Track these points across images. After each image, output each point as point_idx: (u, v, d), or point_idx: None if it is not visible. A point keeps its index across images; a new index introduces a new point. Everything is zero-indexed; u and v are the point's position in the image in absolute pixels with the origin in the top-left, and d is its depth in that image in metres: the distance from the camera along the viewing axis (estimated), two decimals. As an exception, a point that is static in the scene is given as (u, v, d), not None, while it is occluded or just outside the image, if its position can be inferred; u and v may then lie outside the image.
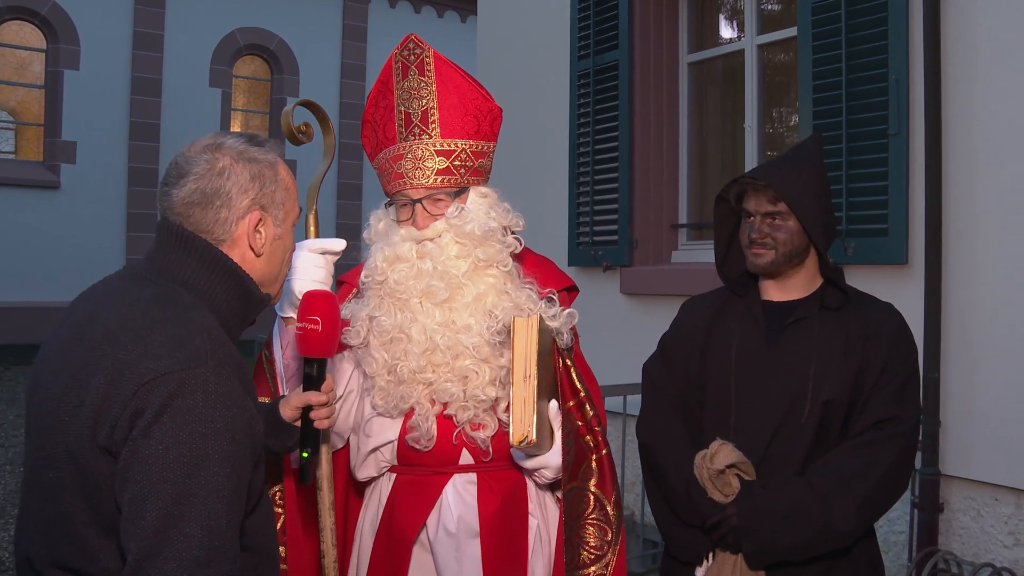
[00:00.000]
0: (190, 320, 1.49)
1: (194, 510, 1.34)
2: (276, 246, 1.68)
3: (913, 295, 3.75)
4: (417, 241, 2.13)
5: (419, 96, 2.15)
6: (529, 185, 6.01)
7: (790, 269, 2.28)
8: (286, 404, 1.89)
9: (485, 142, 2.21)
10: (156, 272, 1.57)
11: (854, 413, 2.20)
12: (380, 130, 2.21)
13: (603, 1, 5.48)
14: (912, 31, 3.83)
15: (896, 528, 3.92)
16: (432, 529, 2.10)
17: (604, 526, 2.10)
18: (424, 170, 2.12)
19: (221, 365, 1.44)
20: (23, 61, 13.85)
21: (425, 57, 2.17)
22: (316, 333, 1.84)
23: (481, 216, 2.14)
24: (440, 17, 16.89)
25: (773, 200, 2.22)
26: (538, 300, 2.15)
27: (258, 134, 1.72)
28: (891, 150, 3.85)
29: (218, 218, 1.58)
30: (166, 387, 1.38)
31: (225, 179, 1.58)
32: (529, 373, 1.97)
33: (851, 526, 2.13)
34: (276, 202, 1.66)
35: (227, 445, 1.40)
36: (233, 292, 1.60)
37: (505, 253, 2.15)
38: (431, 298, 2.09)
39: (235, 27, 14.89)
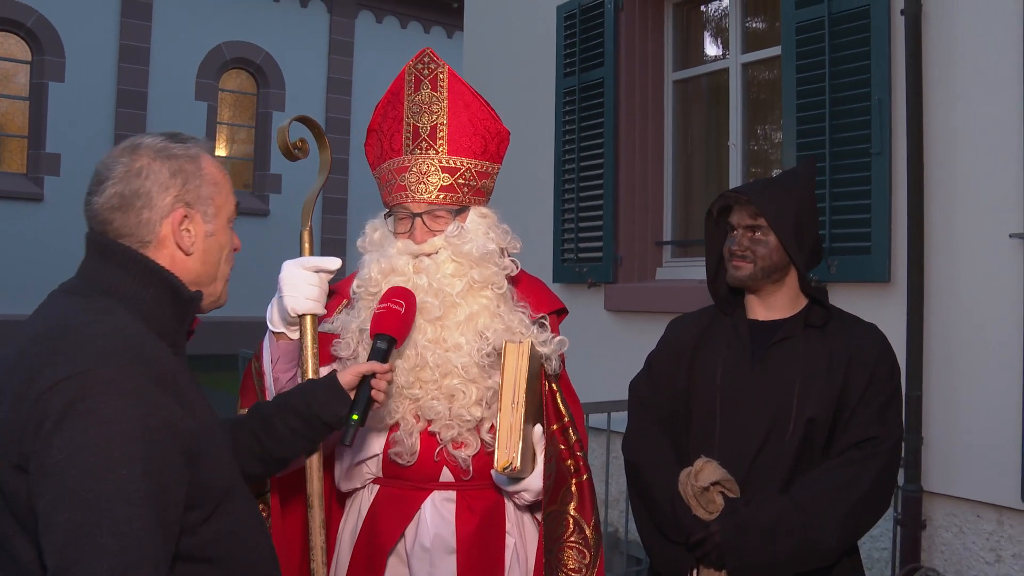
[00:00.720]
0: (100, 324, 1.43)
1: (105, 517, 1.27)
2: (210, 243, 1.62)
3: (896, 313, 3.78)
4: (414, 255, 2.13)
5: (430, 111, 2.17)
6: (515, 201, 6.02)
7: (770, 285, 2.32)
8: (345, 371, 1.90)
9: (490, 163, 2.23)
10: (84, 283, 1.53)
11: (837, 432, 2.23)
12: (386, 140, 2.21)
13: (589, 19, 5.52)
14: (894, 52, 3.88)
15: (879, 545, 3.93)
16: (409, 542, 2.10)
17: (583, 549, 2.11)
18: (427, 185, 2.13)
19: (129, 365, 1.37)
20: (7, 73, 13.79)
21: (439, 72, 2.19)
22: (398, 314, 1.96)
23: (480, 237, 2.15)
24: (426, 32, 16.94)
25: (754, 215, 2.28)
26: (530, 324, 2.16)
27: (180, 132, 1.66)
28: (874, 169, 3.89)
29: (140, 220, 1.53)
30: (66, 392, 1.32)
31: (144, 179, 1.53)
32: (517, 399, 1.98)
33: (833, 543, 2.15)
34: (203, 197, 1.59)
35: (139, 446, 1.32)
36: (160, 294, 1.54)
37: (501, 276, 2.16)
38: (424, 315, 2.09)
39: (221, 40, 14.89)
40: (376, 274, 2.12)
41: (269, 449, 1.87)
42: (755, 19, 5.16)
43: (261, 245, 14.45)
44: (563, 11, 5.71)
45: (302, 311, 2.00)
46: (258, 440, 1.86)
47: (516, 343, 2.04)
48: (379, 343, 1.94)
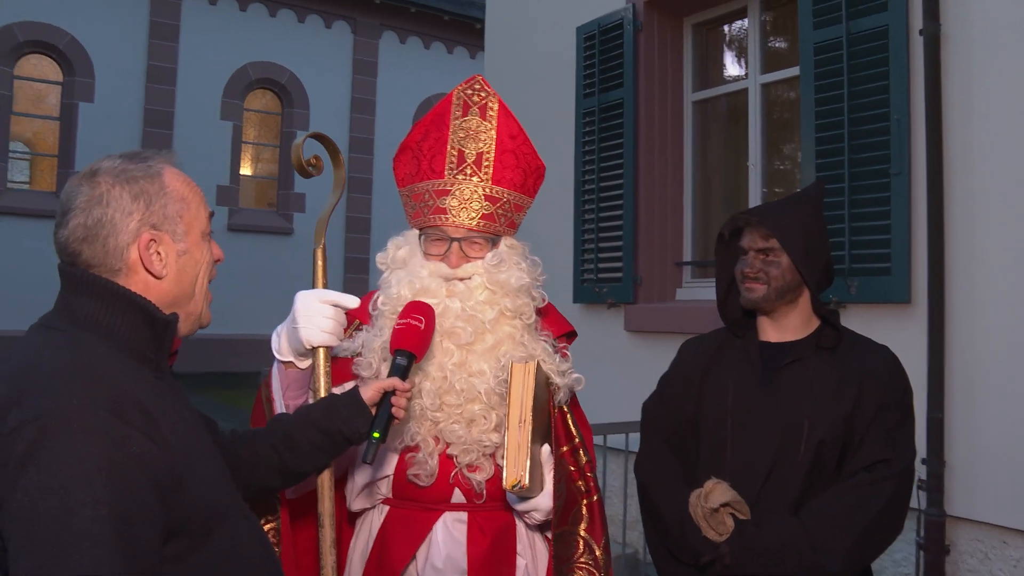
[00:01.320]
0: (63, 362, 1.40)
1: (70, 562, 1.24)
2: (184, 262, 1.57)
3: (916, 334, 3.74)
4: (447, 279, 2.13)
5: (477, 138, 2.17)
6: (534, 222, 6.02)
7: (784, 306, 2.31)
8: (367, 387, 1.89)
9: (527, 197, 2.24)
10: (58, 316, 1.50)
11: (848, 454, 2.22)
12: (425, 160, 2.20)
13: (608, 40, 5.54)
14: (913, 71, 3.86)
15: (902, 570, 3.88)
16: (420, 563, 2.10)
17: (593, 570, 2.10)
18: (470, 211, 2.13)
19: (91, 402, 1.34)
20: (40, 93, 14.02)
21: (489, 101, 2.21)
22: (418, 330, 1.95)
23: (514, 268, 2.16)
24: (450, 53, 17.05)
25: (766, 237, 2.28)
26: (554, 354, 2.17)
27: (141, 150, 1.61)
28: (893, 189, 3.87)
29: (107, 249, 1.49)
30: (28, 435, 1.29)
31: (105, 206, 1.48)
32: (524, 418, 1.98)
33: (841, 567, 2.13)
34: (169, 216, 1.54)
35: (103, 486, 1.29)
36: (133, 320, 1.50)
37: (531, 307, 2.17)
38: (453, 339, 2.09)
39: (247, 61, 15.06)
40: (406, 292, 2.11)
41: (289, 463, 1.87)
42: (774, 39, 5.16)
43: (285, 264, 14.58)
44: (583, 32, 5.73)
45: (317, 343, 1.99)
46: (278, 453, 1.86)
47: (522, 363, 2.04)
48: (399, 359, 1.94)
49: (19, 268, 12.72)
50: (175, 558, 1.42)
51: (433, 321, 2.01)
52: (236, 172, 15.08)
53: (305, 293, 2.02)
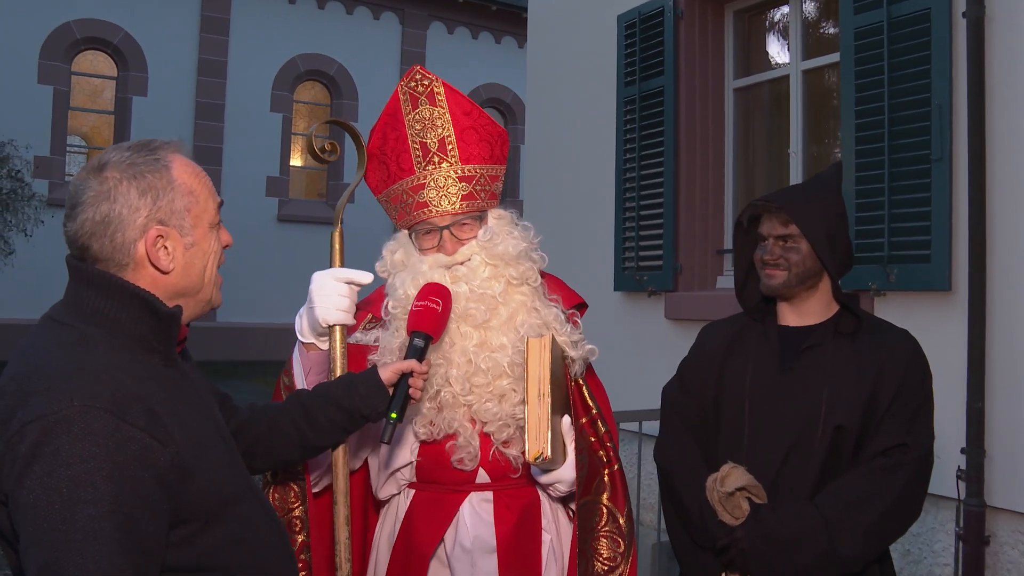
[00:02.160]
0: (68, 361, 1.43)
1: (72, 558, 1.29)
2: (191, 255, 1.58)
3: (957, 322, 3.69)
4: (447, 267, 2.16)
5: (434, 126, 2.18)
6: (576, 209, 6.06)
7: (804, 292, 2.31)
8: (385, 368, 1.94)
9: (499, 166, 2.26)
10: (66, 309, 1.52)
11: (865, 439, 2.20)
12: (392, 162, 2.23)
13: (649, 28, 5.52)
14: (955, 55, 3.80)
15: (941, 560, 3.84)
16: (449, 545, 2.14)
17: (617, 538, 2.13)
18: (449, 196, 2.16)
19: (94, 403, 1.37)
20: (96, 88, 14.37)
21: (434, 87, 2.21)
22: (435, 312, 1.99)
23: (507, 237, 2.19)
24: (497, 43, 17.08)
25: (785, 223, 2.27)
26: (564, 320, 2.19)
27: (150, 140, 1.60)
28: (934, 175, 3.81)
29: (114, 244, 1.50)
30: (32, 434, 1.34)
31: (112, 202, 1.49)
32: (543, 391, 2.01)
33: (857, 552, 2.13)
34: (177, 211, 1.54)
35: (105, 485, 1.33)
36: (139, 314, 1.51)
37: (534, 270, 2.21)
38: (469, 321, 2.12)
39: (296, 53, 15.26)
40: (412, 291, 2.13)
41: (308, 437, 1.92)
42: (815, 25, 5.10)
43: (334, 254, 14.73)
44: (623, 20, 5.72)
45: (332, 322, 2.03)
46: (298, 429, 1.91)
47: (537, 337, 2.07)
48: (416, 341, 1.98)
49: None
50: (183, 542, 1.46)
51: (450, 302, 2.05)
52: (286, 163, 15.29)
53: (320, 273, 2.08)
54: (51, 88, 13.54)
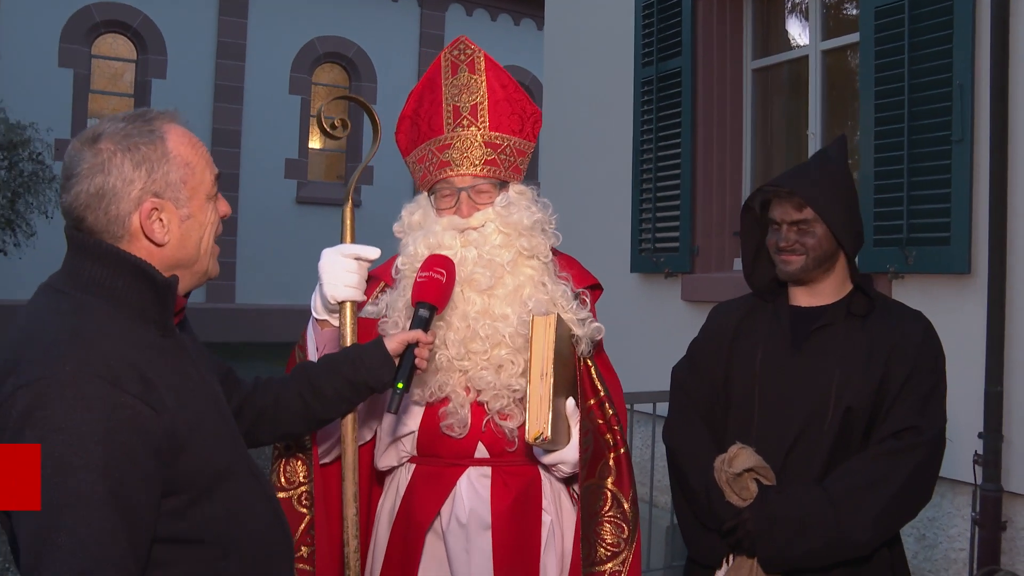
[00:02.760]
0: (62, 327, 1.42)
1: (64, 520, 1.30)
2: (187, 226, 1.56)
3: (976, 305, 3.65)
4: (460, 230, 2.16)
5: (468, 91, 2.21)
6: (592, 191, 6.03)
7: (820, 274, 2.27)
8: (391, 338, 1.95)
9: (527, 141, 2.26)
10: (63, 277, 1.52)
11: (876, 421, 2.18)
12: (424, 123, 2.25)
13: (667, 8, 5.47)
14: (978, 35, 3.74)
15: (956, 545, 3.82)
16: (445, 519, 2.14)
17: (621, 523, 2.13)
18: (472, 158, 2.17)
19: (87, 368, 1.37)
20: (116, 72, 14.44)
21: (475, 57, 2.25)
22: (439, 283, 2.00)
23: (524, 208, 2.19)
24: (516, 25, 17.01)
25: (799, 207, 2.22)
26: (571, 298, 2.18)
27: (146, 109, 1.57)
28: (954, 157, 3.76)
29: (109, 216, 1.48)
30: (24, 400, 1.34)
31: (106, 174, 1.47)
32: (546, 371, 2.00)
33: (867, 536, 2.10)
34: (172, 183, 1.52)
35: (97, 450, 1.33)
36: (135, 283, 1.50)
37: (547, 245, 2.20)
38: (473, 286, 2.12)
39: (314, 36, 15.25)
40: (423, 250, 2.14)
41: (314, 409, 1.92)
42: (835, 5, 5.03)
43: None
44: (641, 0, 5.67)
45: (341, 298, 2.03)
46: (304, 401, 1.91)
47: (543, 315, 2.06)
48: (421, 311, 1.98)
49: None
50: (175, 513, 1.46)
51: (454, 273, 2.04)
52: (304, 146, 15.32)
53: (328, 250, 2.08)
54: (71, 71, 13.61)
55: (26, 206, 11.11)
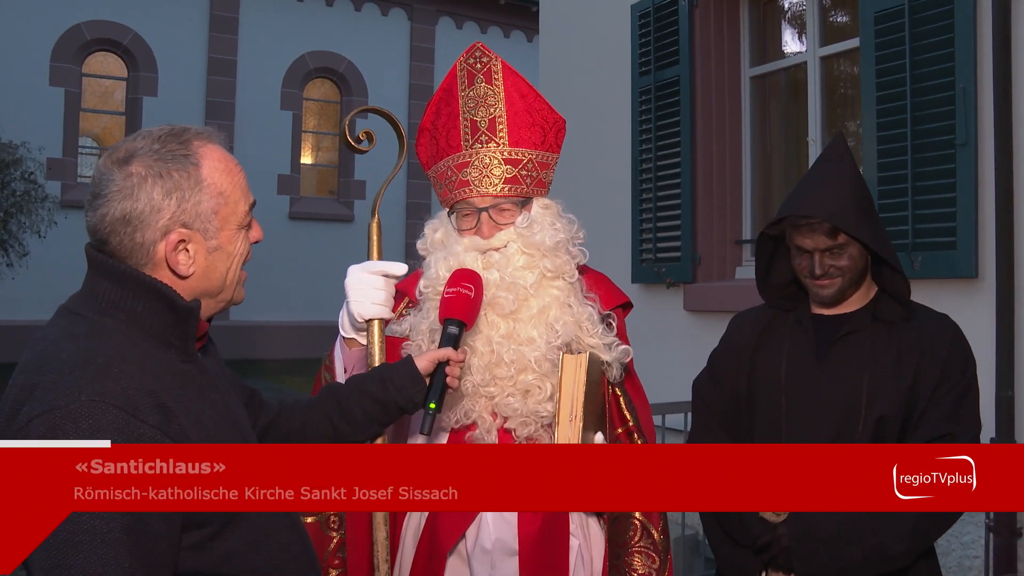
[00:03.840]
0: (77, 353, 1.37)
1: (76, 559, 1.24)
2: (214, 258, 1.49)
3: (984, 309, 3.63)
4: (482, 251, 2.10)
5: (486, 104, 2.12)
6: (592, 202, 5.99)
7: (854, 290, 2.22)
8: (421, 357, 1.88)
9: (550, 153, 2.18)
10: (80, 301, 1.46)
11: (908, 429, 2.13)
12: (442, 138, 2.18)
13: (663, 17, 5.46)
14: (980, 38, 3.73)
15: (971, 553, 3.78)
16: (470, 544, 2.08)
17: (651, 553, 2.08)
18: (491, 178, 2.09)
19: (102, 398, 1.31)
20: (106, 90, 14.38)
21: (492, 66, 2.15)
22: (468, 298, 1.94)
23: (547, 227, 2.12)
24: (506, 37, 17.00)
25: (831, 233, 2.12)
26: (598, 321, 2.12)
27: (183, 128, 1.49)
28: (959, 161, 3.75)
29: (134, 243, 1.42)
30: (38, 431, 1.28)
31: (135, 200, 1.40)
32: (576, 413, 1.94)
33: (905, 548, 2.05)
34: (203, 214, 1.45)
35: None
36: (155, 306, 1.44)
37: (572, 265, 2.13)
38: (497, 310, 2.06)
39: (305, 51, 15.22)
40: (444, 272, 2.07)
41: (343, 432, 1.85)
42: (833, 11, 5.03)
43: (346, 250, 14.70)
44: (637, 9, 5.66)
45: (369, 316, 1.98)
46: (332, 423, 1.84)
47: (574, 355, 2.00)
48: (450, 328, 1.92)
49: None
50: (197, 547, 1.41)
51: (482, 288, 1.98)
52: (297, 161, 15.27)
53: (355, 267, 2.02)
54: (62, 90, 13.55)
55: (19, 226, 11.04)
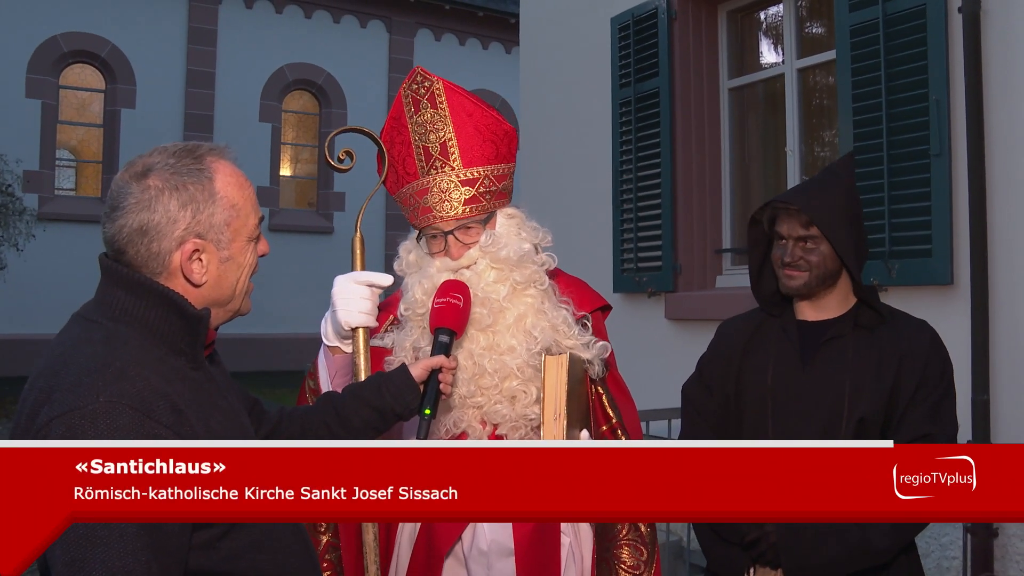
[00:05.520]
0: (94, 357, 1.43)
1: (95, 554, 1.29)
2: (225, 268, 1.57)
3: (959, 315, 3.71)
4: (453, 271, 2.16)
5: (435, 129, 2.17)
6: (573, 213, 6.06)
7: (823, 290, 2.30)
8: (416, 365, 1.95)
9: (505, 164, 2.23)
10: (94, 308, 1.53)
11: (889, 431, 2.21)
12: (399, 165, 2.23)
13: (643, 29, 5.54)
14: (952, 51, 3.83)
15: (949, 554, 3.86)
16: (466, 545, 2.13)
17: (640, 546, 2.13)
18: (451, 202, 2.15)
19: (119, 399, 1.37)
20: (84, 102, 14.31)
21: (435, 89, 2.18)
22: (457, 308, 2.01)
23: (513, 239, 2.18)
24: (485, 49, 17.08)
25: (806, 224, 2.24)
26: (573, 323, 2.18)
27: (197, 144, 1.58)
28: (933, 170, 3.84)
29: (150, 252, 1.50)
30: (58, 431, 1.34)
31: (152, 212, 1.49)
32: (559, 412, 2.00)
33: (887, 543, 2.13)
34: (216, 225, 1.53)
35: None
36: (166, 314, 1.51)
37: (541, 272, 2.19)
38: (475, 325, 2.12)
39: (284, 63, 15.22)
40: (420, 295, 2.15)
41: (339, 439, 1.89)
42: (809, 24, 5.13)
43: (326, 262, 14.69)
44: (617, 22, 5.74)
45: (355, 324, 2.03)
46: (330, 430, 1.90)
47: (555, 356, 2.05)
48: (441, 337, 1.99)
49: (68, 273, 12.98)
50: (207, 546, 1.46)
51: (470, 297, 2.05)
52: (276, 173, 15.26)
53: (341, 277, 2.08)
54: (39, 102, 13.47)
55: (-4, 239, 10.98)
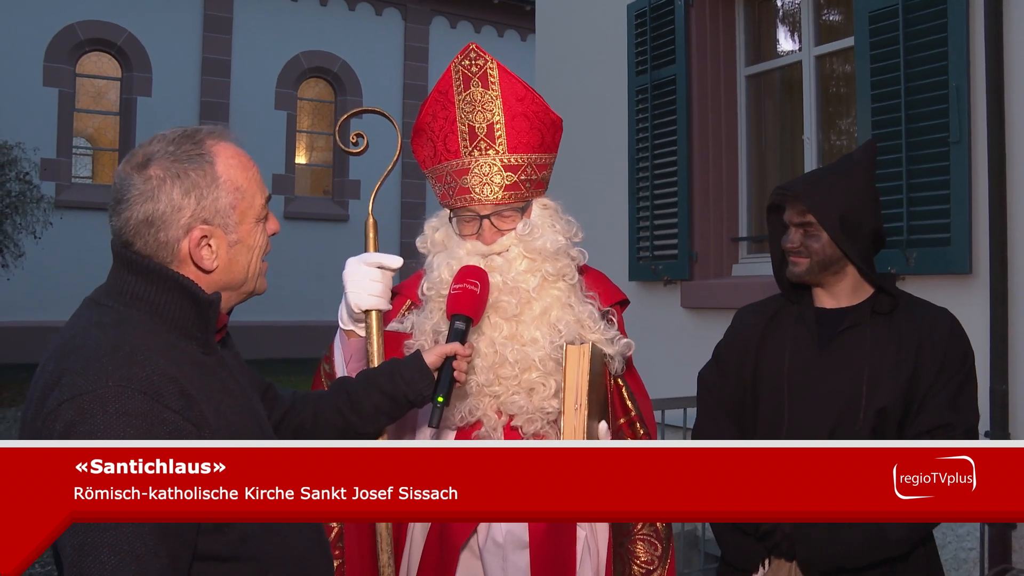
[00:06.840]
0: (105, 341, 1.43)
1: (105, 538, 1.30)
2: (235, 251, 1.56)
3: (978, 305, 3.68)
4: (484, 256, 2.14)
5: (483, 109, 2.13)
6: (589, 201, 6.03)
7: (830, 277, 2.28)
8: (429, 352, 1.94)
9: (548, 154, 2.21)
10: (106, 293, 1.53)
11: (908, 420, 2.19)
12: (439, 141, 2.19)
13: (659, 16, 5.51)
14: (972, 36, 3.78)
15: (966, 545, 3.84)
16: (481, 538, 2.12)
17: (654, 541, 2.13)
18: (492, 186, 2.12)
19: (129, 383, 1.38)
20: (100, 90, 14.38)
21: (488, 68, 2.15)
22: (474, 294, 1.98)
23: (547, 231, 2.15)
24: (500, 36, 17.03)
25: (802, 212, 2.23)
26: (599, 318, 2.16)
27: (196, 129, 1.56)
28: (952, 158, 3.80)
29: (158, 242, 1.49)
30: (67, 413, 1.35)
31: (156, 202, 1.48)
32: (580, 402, 1.99)
33: (904, 533, 2.11)
34: (222, 209, 1.52)
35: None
36: (178, 299, 1.51)
37: (572, 267, 2.17)
38: (500, 313, 2.10)
39: (299, 51, 15.24)
40: (448, 276, 2.11)
41: (352, 424, 1.90)
42: (827, 10, 5.08)
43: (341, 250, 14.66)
44: (633, 9, 5.70)
45: (366, 307, 2.02)
46: (343, 416, 1.90)
47: (577, 345, 2.04)
48: (457, 324, 1.96)
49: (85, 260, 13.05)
50: (215, 530, 1.46)
51: (488, 284, 2.03)
52: (291, 161, 15.29)
53: (352, 259, 2.06)
54: (56, 90, 13.54)
55: (14, 227, 11.03)
